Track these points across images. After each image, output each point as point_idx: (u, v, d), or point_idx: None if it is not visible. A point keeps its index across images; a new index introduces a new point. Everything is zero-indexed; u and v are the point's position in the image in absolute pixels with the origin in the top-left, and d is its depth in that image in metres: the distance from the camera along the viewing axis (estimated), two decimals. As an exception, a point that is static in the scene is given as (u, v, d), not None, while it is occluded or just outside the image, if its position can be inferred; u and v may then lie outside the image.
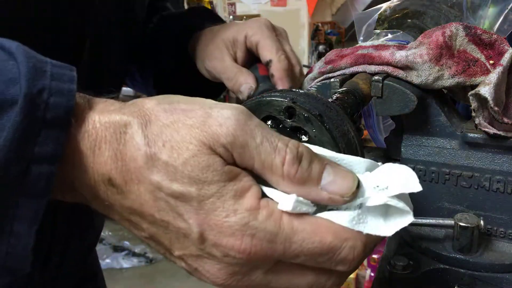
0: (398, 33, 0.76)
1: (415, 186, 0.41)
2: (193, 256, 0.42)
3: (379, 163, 0.45)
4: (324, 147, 0.45)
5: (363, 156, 0.47)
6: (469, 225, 0.60)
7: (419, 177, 0.65)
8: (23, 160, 0.38)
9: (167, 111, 0.42)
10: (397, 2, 0.83)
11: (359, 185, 0.41)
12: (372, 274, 2.35)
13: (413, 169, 0.65)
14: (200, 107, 0.42)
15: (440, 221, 0.62)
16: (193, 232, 0.40)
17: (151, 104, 0.43)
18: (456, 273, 0.62)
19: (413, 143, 0.67)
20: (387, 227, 0.41)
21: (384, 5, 0.83)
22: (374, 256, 2.44)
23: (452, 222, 0.60)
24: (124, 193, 0.42)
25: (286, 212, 0.40)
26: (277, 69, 0.76)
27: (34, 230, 0.40)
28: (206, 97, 0.76)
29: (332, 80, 0.68)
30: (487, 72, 0.61)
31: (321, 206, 0.43)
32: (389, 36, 0.77)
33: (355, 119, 0.64)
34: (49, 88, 0.40)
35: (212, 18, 0.97)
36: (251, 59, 0.83)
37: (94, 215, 0.91)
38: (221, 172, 0.40)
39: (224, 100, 5.02)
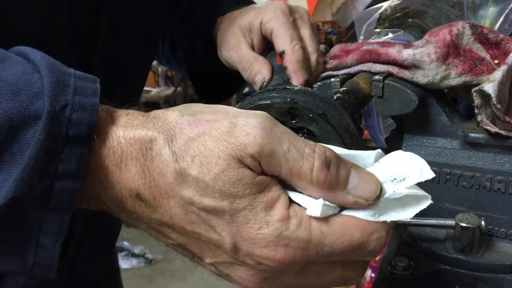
0: (399, 33, 0.76)
1: (429, 173, 0.43)
2: (225, 263, 0.43)
3: (379, 151, 0.46)
4: (331, 144, 0.45)
5: (363, 146, 0.48)
6: (470, 225, 0.59)
7: (420, 177, 0.66)
8: (47, 177, 0.39)
9: (191, 123, 0.42)
10: (398, 1, 0.82)
11: (381, 188, 0.43)
12: (373, 275, 2.35)
13: (414, 169, 0.66)
14: (225, 117, 0.42)
15: (441, 221, 0.62)
16: (226, 243, 0.41)
17: (174, 116, 0.43)
18: (457, 274, 0.62)
19: (414, 143, 0.67)
20: (406, 213, 0.43)
21: (384, 4, 0.83)
22: (375, 256, 2.43)
23: (453, 222, 0.60)
24: (153, 207, 0.42)
25: (315, 217, 0.41)
26: (290, 61, 0.72)
27: (59, 243, 0.41)
28: (237, 85, 0.76)
29: (332, 80, 0.67)
30: (493, 71, 0.61)
31: None
32: (390, 35, 0.76)
33: (355, 118, 0.64)
34: (72, 103, 0.41)
35: (237, 1, 0.91)
36: (269, 46, 0.79)
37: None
38: (252, 185, 0.40)
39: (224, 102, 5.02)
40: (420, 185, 0.44)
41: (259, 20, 0.77)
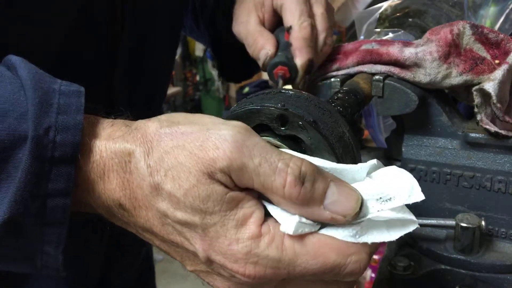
0: (399, 32, 0.76)
1: (418, 195, 0.41)
2: (204, 272, 0.44)
3: (375, 162, 0.44)
4: (321, 154, 0.44)
5: (359, 155, 0.47)
6: (470, 225, 0.59)
7: (420, 178, 0.66)
8: (39, 197, 0.41)
9: (168, 135, 0.42)
10: (398, 1, 0.82)
11: (362, 204, 0.41)
12: (373, 275, 2.34)
13: (414, 169, 0.66)
14: (199, 129, 0.42)
15: (441, 221, 0.62)
16: (200, 255, 0.42)
17: (153, 128, 0.43)
18: (457, 274, 0.62)
19: (414, 143, 0.66)
20: (390, 235, 0.41)
21: (385, 4, 0.83)
22: (375, 256, 2.44)
23: (453, 222, 0.60)
24: (135, 217, 0.44)
25: (288, 236, 0.41)
26: (296, 38, 0.68)
27: (61, 250, 0.44)
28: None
29: (332, 80, 0.67)
30: (494, 70, 0.61)
31: None
32: (390, 35, 0.76)
33: (355, 118, 0.64)
34: (55, 125, 0.42)
35: None
36: (280, 22, 0.75)
37: None
38: (222, 202, 0.40)
39: (224, 99, 5.02)
40: (420, 184, 0.43)
41: None
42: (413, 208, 0.42)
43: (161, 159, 0.42)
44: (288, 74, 0.68)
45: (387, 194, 0.41)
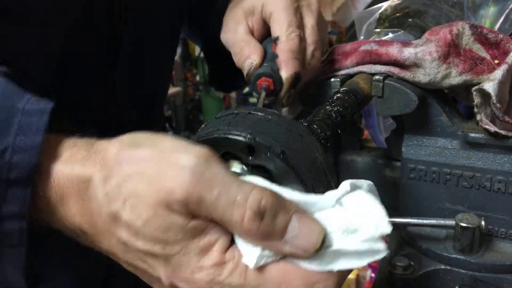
0: (399, 32, 0.76)
1: (386, 227, 0.40)
2: None
3: (348, 188, 0.42)
4: (289, 183, 0.43)
5: (334, 178, 0.45)
6: (470, 225, 0.59)
7: (420, 178, 0.66)
8: None
9: (127, 161, 0.42)
10: (398, 1, 0.82)
11: (326, 237, 0.40)
12: (373, 275, 2.35)
13: (414, 169, 0.66)
14: (159, 155, 0.41)
15: (441, 221, 0.62)
16: (164, 281, 0.41)
17: (113, 151, 0.43)
18: (457, 274, 0.62)
19: (414, 143, 0.66)
20: (359, 261, 0.40)
21: (385, 4, 0.83)
22: (375, 256, 2.43)
23: (453, 222, 0.60)
24: (98, 241, 0.44)
25: None
26: (282, 49, 0.65)
27: (20, 270, 0.44)
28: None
29: (332, 80, 0.67)
30: (493, 71, 0.61)
31: None
32: (390, 35, 0.76)
33: (355, 118, 0.64)
34: (12, 146, 0.42)
35: None
36: (270, 32, 0.71)
37: None
38: (184, 231, 0.40)
39: (224, 100, 5.02)
40: (420, 184, 0.43)
41: (262, 1, 0.70)
42: (413, 208, 0.41)
43: (119, 186, 0.41)
44: (272, 87, 0.64)
45: (353, 226, 0.40)
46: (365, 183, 0.44)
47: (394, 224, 0.41)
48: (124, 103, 0.79)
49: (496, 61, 0.62)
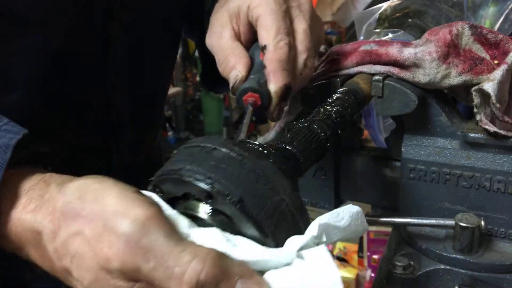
0: (399, 33, 0.76)
1: None
2: None
3: (315, 232, 0.41)
4: (248, 230, 0.41)
5: (305, 220, 0.43)
6: (469, 225, 0.59)
7: (420, 178, 0.66)
8: None
9: (71, 217, 0.42)
10: (398, 2, 0.82)
11: None
12: (373, 275, 2.35)
13: (414, 169, 0.66)
14: (100, 215, 0.40)
15: (441, 221, 0.62)
16: None
17: (61, 203, 0.43)
18: (456, 274, 0.62)
19: (414, 143, 0.67)
20: None
21: (384, 4, 0.83)
22: (375, 256, 2.44)
23: (453, 222, 0.60)
24: (66, 281, 0.45)
25: None
26: (270, 60, 0.59)
27: None
28: None
29: (332, 80, 0.68)
30: (493, 71, 0.61)
31: None
32: (390, 35, 0.76)
33: (355, 118, 0.64)
34: None
35: None
36: (257, 36, 0.64)
37: None
38: None
39: (224, 99, 5.01)
40: (420, 184, 0.42)
41: (248, 3, 0.63)
42: (413, 208, 0.41)
43: (66, 244, 0.41)
44: (260, 102, 0.59)
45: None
46: (332, 220, 0.43)
47: (394, 224, 0.41)
48: (124, 103, 0.79)
49: (496, 61, 0.62)
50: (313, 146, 0.52)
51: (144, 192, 0.44)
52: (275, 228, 0.41)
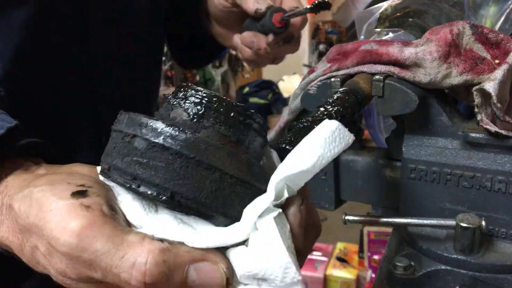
0: (399, 32, 0.75)
1: (294, 276, 0.36)
2: None
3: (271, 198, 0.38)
4: (195, 219, 0.39)
5: (257, 176, 0.40)
6: (470, 225, 0.59)
7: (420, 178, 0.66)
8: None
9: (26, 232, 0.42)
10: (398, 1, 0.82)
11: (229, 281, 0.38)
12: (373, 275, 2.35)
13: (414, 169, 0.66)
14: (44, 233, 0.40)
15: (442, 221, 0.62)
16: None
17: (15, 218, 0.43)
18: (457, 274, 0.62)
19: (414, 143, 0.66)
20: None
21: (385, 4, 0.82)
22: (375, 257, 2.44)
23: (454, 222, 0.60)
24: None
25: None
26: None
27: None
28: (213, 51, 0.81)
29: (332, 80, 0.67)
30: (494, 70, 0.61)
31: None
32: (390, 35, 0.76)
33: (355, 118, 0.64)
34: None
35: None
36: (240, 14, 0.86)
37: None
38: None
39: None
40: (420, 184, 0.42)
41: None
42: (414, 208, 0.41)
43: (32, 255, 0.43)
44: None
45: (261, 272, 0.37)
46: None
47: (394, 225, 0.40)
48: (106, 94, 0.78)
49: (497, 61, 0.62)
50: None
51: (100, 176, 0.43)
52: (225, 206, 0.38)
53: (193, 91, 0.41)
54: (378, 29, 0.79)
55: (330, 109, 0.57)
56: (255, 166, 0.40)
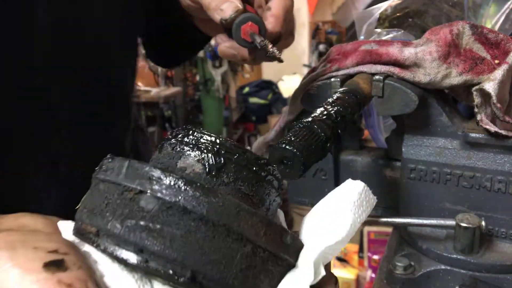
0: (399, 32, 0.76)
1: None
2: None
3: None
4: None
5: (289, 250, 0.33)
6: (470, 225, 0.59)
7: (420, 178, 0.66)
8: None
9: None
10: (398, 1, 0.82)
11: None
12: (373, 275, 2.35)
13: (414, 169, 0.66)
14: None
15: (441, 221, 0.62)
16: None
17: None
18: (457, 274, 0.62)
19: (414, 143, 0.66)
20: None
21: (385, 4, 0.83)
22: (375, 257, 2.44)
23: (454, 222, 0.60)
24: None
25: None
26: (277, 4, 0.61)
27: None
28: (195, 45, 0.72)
29: (332, 80, 0.67)
30: (493, 70, 0.61)
31: None
32: (390, 35, 0.76)
33: (355, 118, 0.64)
34: None
35: None
36: None
37: None
38: None
39: (224, 100, 5.01)
40: (420, 184, 0.41)
41: None
42: (414, 208, 0.41)
43: None
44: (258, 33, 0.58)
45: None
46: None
47: (394, 224, 0.38)
48: (58, 86, 0.68)
49: (497, 61, 0.62)
50: (313, 146, 0.52)
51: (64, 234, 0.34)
52: (254, 282, 0.31)
53: (206, 136, 0.34)
54: (378, 30, 0.79)
55: (330, 109, 0.57)
56: (288, 236, 0.33)
